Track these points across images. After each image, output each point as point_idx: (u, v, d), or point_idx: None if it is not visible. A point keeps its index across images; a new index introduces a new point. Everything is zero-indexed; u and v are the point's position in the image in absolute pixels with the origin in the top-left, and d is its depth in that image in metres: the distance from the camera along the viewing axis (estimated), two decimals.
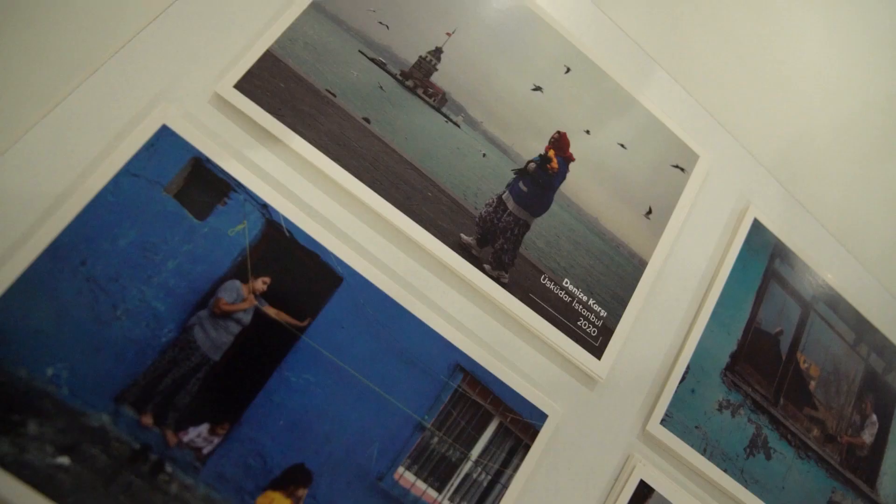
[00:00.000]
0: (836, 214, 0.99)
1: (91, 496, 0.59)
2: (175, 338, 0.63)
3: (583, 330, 0.77)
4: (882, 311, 0.97)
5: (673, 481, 0.79)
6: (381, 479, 0.67)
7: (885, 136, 1.05)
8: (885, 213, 1.04)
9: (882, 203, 1.04)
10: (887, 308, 0.98)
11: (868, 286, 0.98)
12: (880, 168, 1.05)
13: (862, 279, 0.98)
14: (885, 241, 1.03)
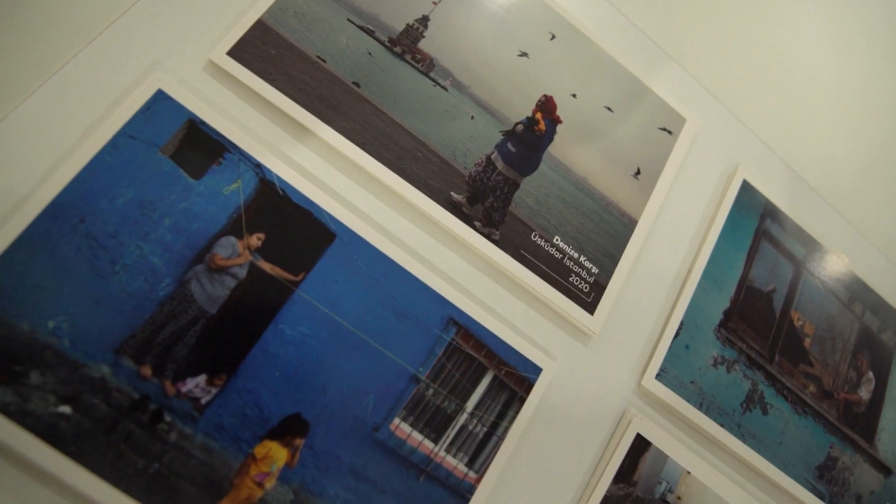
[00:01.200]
0: (825, 177, 1.00)
1: (92, 444, 0.60)
2: (172, 292, 0.65)
3: (575, 286, 0.78)
4: (875, 272, 0.98)
5: (670, 436, 0.79)
6: (377, 430, 0.68)
7: (871, 95, 1.07)
8: (874, 175, 1.05)
9: (871, 165, 1.05)
10: (880, 268, 0.99)
11: (860, 246, 0.98)
12: (868, 128, 1.06)
13: (854, 240, 0.98)
14: (876, 203, 1.03)
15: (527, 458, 0.73)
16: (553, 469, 0.74)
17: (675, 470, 0.79)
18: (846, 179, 1.02)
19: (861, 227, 1.00)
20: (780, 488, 0.83)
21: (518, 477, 0.72)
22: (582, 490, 0.75)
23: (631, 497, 0.76)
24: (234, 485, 0.63)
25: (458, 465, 0.70)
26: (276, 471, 0.64)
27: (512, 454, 0.72)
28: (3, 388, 0.59)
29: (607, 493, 0.75)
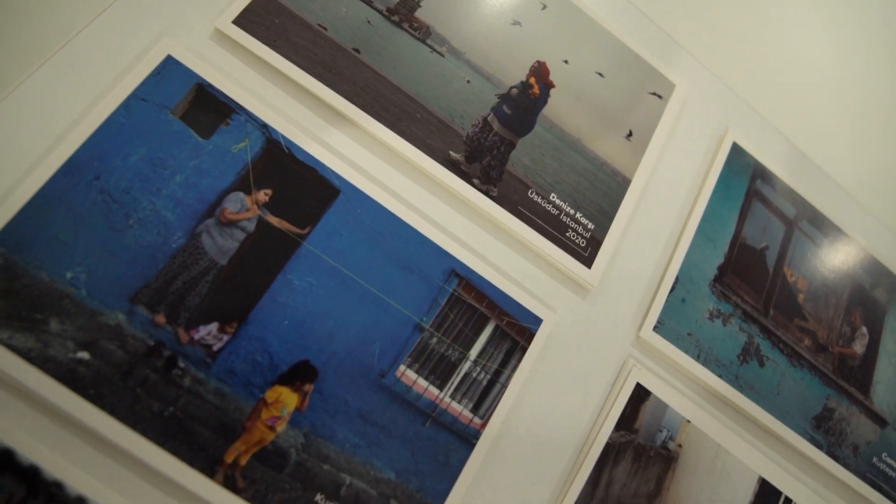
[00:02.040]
0: (815, 140, 1.02)
1: (109, 388, 0.62)
2: (184, 244, 0.67)
3: (571, 241, 0.81)
4: (865, 231, 1.00)
5: (669, 386, 0.81)
6: (384, 377, 0.70)
7: (858, 59, 1.10)
8: (863, 138, 1.07)
9: (860, 128, 1.07)
10: (870, 228, 1.01)
11: (850, 207, 1.01)
12: (855, 92, 1.09)
13: (844, 201, 1.01)
14: (865, 165, 1.06)
15: (530, 406, 0.75)
16: (556, 416, 0.76)
17: (676, 419, 0.81)
18: (836, 143, 1.05)
19: (851, 189, 1.02)
20: (778, 437, 0.85)
21: (522, 423, 0.74)
22: (585, 437, 0.77)
23: (633, 444, 0.78)
24: (246, 428, 0.65)
25: (464, 410, 0.72)
26: (286, 415, 0.66)
27: (515, 401, 0.74)
28: (25, 334, 0.61)
29: (610, 440, 0.77)
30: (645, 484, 0.78)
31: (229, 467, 0.64)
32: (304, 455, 0.66)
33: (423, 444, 0.70)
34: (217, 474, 0.63)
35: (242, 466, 0.64)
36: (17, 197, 0.63)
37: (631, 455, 0.78)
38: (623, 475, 0.77)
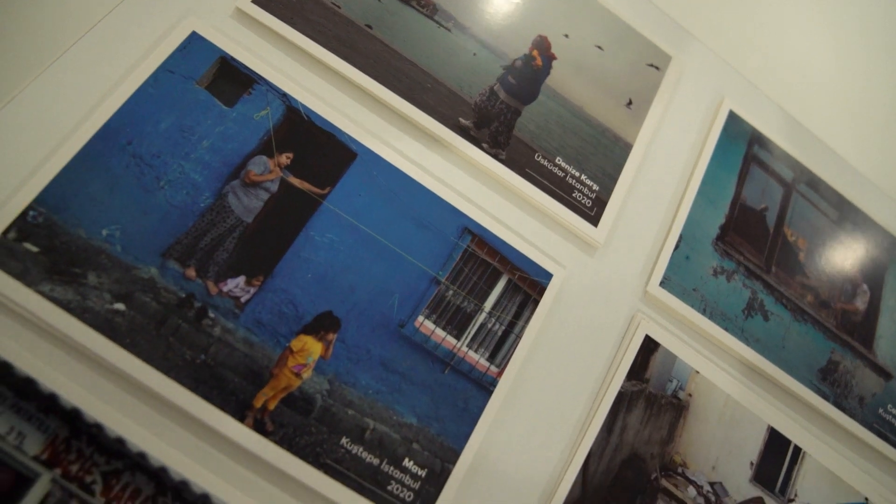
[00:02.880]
0: (808, 108, 1.06)
1: (144, 337, 0.65)
2: (212, 203, 0.71)
3: (578, 201, 0.84)
4: (861, 193, 1.03)
5: (677, 339, 0.84)
6: (403, 327, 0.73)
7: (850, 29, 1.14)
8: (857, 105, 1.11)
9: (852, 94, 1.11)
10: (866, 191, 1.04)
11: (847, 173, 1.04)
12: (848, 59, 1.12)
13: (839, 165, 1.04)
14: (859, 131, 1.10)
15: (544, 356, 0.78)
16: (570, 366, 0.79)
17: (685, 369, 0.83)
18: (830, 110, 1.09)
19: (847, 156, 1.06)
20: (785, 389, 0.87)
21: (538, 372, 0.77)
22: (598, 385, 0.79)
23: (644, 393, 0.81)
24: (273, 374, 0.68)
25: (480, 359, 0.75)
26: (311, 362, 0.69)
27: (530, 351, 0.77)
28: (65, 287, 0.65)
29: (622, 388, 0.79)
30: (658, 431, 0.80)
31: (258, 412, 0.67)
32: (330, 400, 0.69)
33: (442, 391, 0.72)
34: (247, 418, 0.66)
35: (271, 411, 0.67)
36: (55, 161, 0.67)
37: (643, 403, 0.80)
38: (636, 422, 0.79)
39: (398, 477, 0.69)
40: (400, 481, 0.68)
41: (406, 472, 0.69)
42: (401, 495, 0.68)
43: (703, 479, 0.81)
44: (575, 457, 0.75)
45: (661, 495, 0.78)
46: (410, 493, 0.68)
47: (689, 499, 0.79)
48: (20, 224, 0.65)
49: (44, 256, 0.65)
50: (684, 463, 0.80)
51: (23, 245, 0.64)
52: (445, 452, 0.71)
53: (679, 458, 0.80)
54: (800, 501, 0.84)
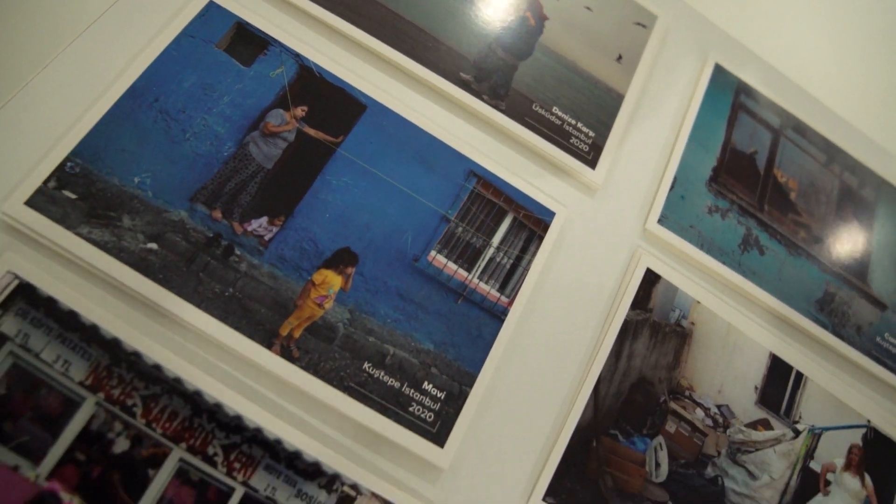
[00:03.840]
0: (791, 61, 1.11)
1: (176, 273, 0.70)
2: (234, 152, 0.76)
3: (575, 146, 0.89)
4: (847, 138, 1.07)
5: (677, 272, 0.88)
6: (417, 261, 0.78)
7: None
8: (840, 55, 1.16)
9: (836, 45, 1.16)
10: (851, 135, 1.09)
11: (830, 117, 1.08)
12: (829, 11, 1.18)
13: (823, 112, 1.08)
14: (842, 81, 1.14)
15: (552, 286, 0.82)
16: (576, 296, 0.82)
17: (686, 300, 0.87)
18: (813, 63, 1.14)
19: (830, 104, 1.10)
20: (784, 318, 0.91)
21: (546, 302, 0.81)
22: (604, 314, 0.83)
23: (648, 322, 0.84)
24: (297, 305, 0.72)
25: (491, 290, 0.79)
26: (333, 294, 0.73)
27: (537, 283, 0.81)
28: (102, 229, 0.69)
29: (627, 318, 0.83)
30: (664, 357, 0.84)
31: (284, 339, 0.71)
32: (351, 329, 0.73)
33: (456, 320, 0.76)
34: (274, 346, 0.70)
35: (296, 339, 0.71)
36: (89, 118, 0.72)
37: (648, 331, 0.84)
38: (643, 349, 0.83)
39: (419, 399, 0.72)
40: (421, 403, 0.72)
41: (426, 394, 0.73)
42: (422, 416, 0.72)
43: (710, 401, 0.84)
44: (586, 381, 0.79)
45: (670, 417, 0.81)
46: (431, 414, 0.72)
47: (698, 420, 0.82)
48: (59, 174, 0.70)
49: (81, 202, 0.69)
50: (691, 387, 0.84)
51: (62, 193, 0.69)
52: (462, 376, 0.74)
53: (686, 382, 0.84)
54: (804, 423, 0.87)
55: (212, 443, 0.66)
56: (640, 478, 0.78)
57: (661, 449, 0.80)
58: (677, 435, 0.81)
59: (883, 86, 1.17)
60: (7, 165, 0.70)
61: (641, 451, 0.79)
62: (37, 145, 0.71)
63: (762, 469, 0.83)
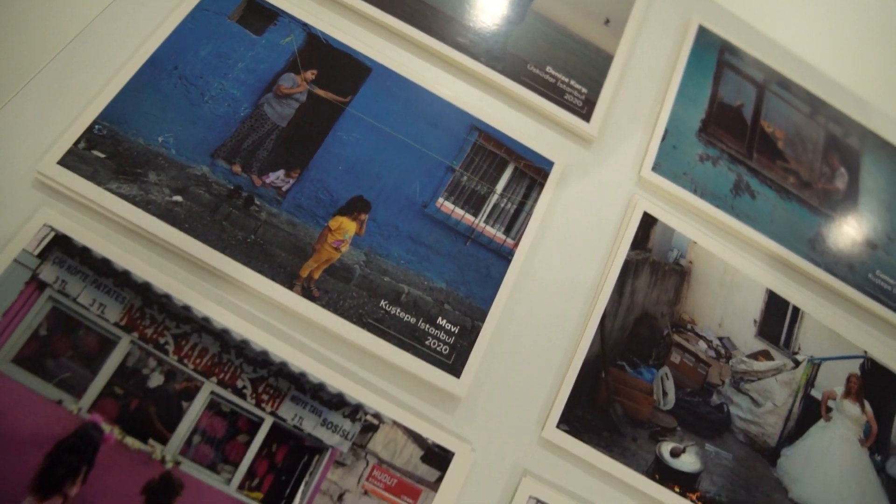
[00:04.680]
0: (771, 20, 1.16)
1: (200, 222, 0.74)
2: (250, 113, 0.81)
3: (570, 102, 0.93)
4: (830, 92, 1.12)
5: (672, 216, 0.92)
6: (426, 207, 0.82)
7: None
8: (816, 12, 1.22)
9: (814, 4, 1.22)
10: (833, 89, 1.13)
11: (813, 74, 1.13)
12: None
13: (806, 69, 1.13)
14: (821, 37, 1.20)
15: (555, 230, 0.86)
16: (578, 238, 0.86)
17: (683, 241, 0.91)
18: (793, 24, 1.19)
19: (812, 61, 1.15)
20: (778, 257, 0.94)
21: (550, 243, 0.84)
22: (606, 254, 0.86)
23: (648, 261, 0.88)
24: (315, 249, 0.76)
25: (497, 233, 0.83)
26: (348, 238, 0.78)
27: (541, 226, 0.85)
28: (130, 184, 0.74)
29: (627, 257, 0.87)
30: (665, 293, 0.87)
31: (305, 281, 0.75)
32: (367, 270, 0.77)
33: (466, 260, 0.80)
34: (295, 286, 0.74)
35: (316, 280, 0.75)
36: (114, 84, 0.77)
37: (648, 270, 0.88)
38: (644, 286, 0.87)
39: (434, 333, 0.76)
40: (436, 337, 0.76)
41: (441, 329, 0.76)
42: (438, 349, 0.75)
43: (711, 334, 0.87)
44: (591, 316, 0.82)
45: (674, 348, 0.85)
46: (446, 347, 0.76)
47: (701, 351, 0.86)
48: (88, 136, 0.74)
49: (110, 161, 0.74)
50: (692, 321, 0.87)
51: (91, 152, 0.74)
52: (474, 312, 0.78)
53: (687, 316, 0.87)
54: (803, 354, 0.90)
55: (240, 377, 0.70)
56: (649, 405, 0.81)
57: (668, 378, 0.83)
58: (682, 365, 0.84)
59: (862, 41, 1.22)
60: (40, 129, 0.74)
61: (648, 380, 0.82)
62: (67, 110, 0.76)
63: (765, 397, 0.86)
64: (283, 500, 0.67)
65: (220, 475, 0.67)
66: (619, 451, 0.78)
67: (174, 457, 0.66)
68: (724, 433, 0.83)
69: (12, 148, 0.73)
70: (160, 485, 0.65)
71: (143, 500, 0.64)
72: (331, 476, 0.69)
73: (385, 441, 0.71)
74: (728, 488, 0.80)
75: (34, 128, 0.75)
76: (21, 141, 0.74)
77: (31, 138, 0.74)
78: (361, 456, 0.70)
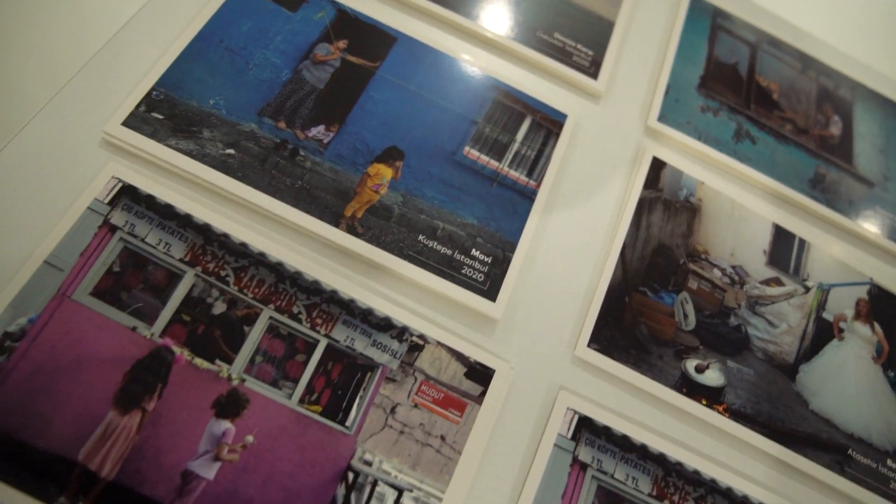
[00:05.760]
0: None
1: (252, 171, 0.81)
2: (290, 77, 0.89)
3: (578, 62, 1.01)
4: (819, 50, 1.20)
5: (679, 157, 0.99)
6: (454, 154, 0.89)
7: None
8: None
9: None
10: (823, 48, 1.21)
11: (803, 36, 1.21)
12: None
13: (794, 32, 1.21)
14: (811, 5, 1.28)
15: (573, 172, 0.92)
16: (595, 178, 0.93)
17: (691, 181, 0.97)
18: None
19: (800, 24, 1.23)
20: (781, 195, 1.00)
21: (569, 184, 0.91)
22: (621, 194, 0.93)
23: (661, 199, 0.95)
24: (357, 192, 0.83)
25: (521, 175, 0.90)
26: (386, 182, 0.85)
27: (559, 169, 0.91)
28: (187, 140, 0.81)
29: (641, 196, 0.93)
30: (678, 227, 0.94)
31: (349, 219, 0.81)
32: (405, 209, 0.84)
33: (493, 199, 0.87)
34: (340, 224, 0.81)
35: (359, 218, 0.82)
36: (168, 55, 0.85)
37: (661, 206, 0.94)
38: (658, 220, 0.93)
39: (469, 263, 0.82)
40: (471, 266, 0.82)
41: (475, 259, 0.83)
42: (473, 277, 0.81)
43: (724, 263, 0.93)
44: (612, 247, 0.88)
45: (691, 276, 0.91)
46: (481, 275, 0.82)
47: (716, 278, 0.92)
48: (147, 100, 0.82)
49: (168, 121, 0.82)
50: (706, 251, 0.93)
51: (151, 114, 0.82)
52: (504, 244, 0.84)
53: (700, 247, 0.93)
54: (812, 280, 0.96)
55: (295, 303, 0.76)
56: (672, 326, 0.87)
57: (687, 302, 0.89)
58: (699, 291, 0.90)
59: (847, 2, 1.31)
60: (106, 96, 0.82)
61: (669, 304, 0.88)
62: (128, 79, 0.84)
63: (780, 318, 0.91)
64: (340, 412, 0.73)
65: (281, 391, 0.72)
66: (647, 367, 0.83)
67: (239, 375, 0.72)
68: (744, 351, 0.88)
69: (82, 112, 0.81)
70: (228, 399, 0.70)
71: (213, 413, 0.70)
72: (383, 391, 0.74)
73: (431, 360, 0.77)
74: (752, 401, 0.85)
75: (100, 94, 0.83)
76: (89, 106, 0.82)
77: (97, 104, 0.82)
78: (410, 373, 0.76)
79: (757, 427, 0.83)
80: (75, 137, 0.80)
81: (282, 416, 0.71)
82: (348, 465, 0.70)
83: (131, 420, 0.67)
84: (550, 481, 0.74)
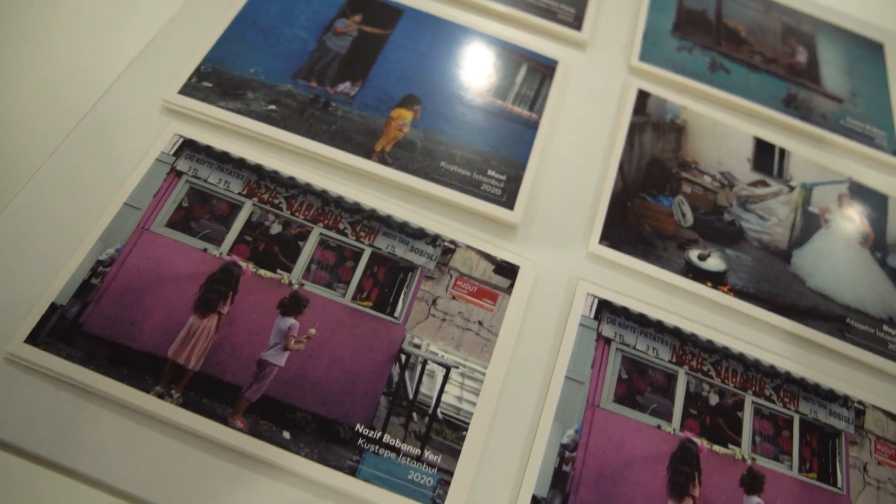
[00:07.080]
0: None
1: (293, 121, 0.94)
2: (316, 47, 1.02)
3: (561, 18, 1.15)
4: None
5: (663, 90, 1.11)
6: (464, 98, 1.02)
7: None
8: None
9: None
10: None
11: None
12: None
13: None
14: None
15: (569, 105, 1.04)
16: (588, 109, 1.05)
17: (675, 107, 1.09)
18: None
19: None
20: (757, 113, 1.11)
21: (567, 114, 1.03)
22: (614, 119, 1.05)
23: (649, 122, 1.06)
24: (383, 132, 0.95)
25: (523, 110, 1.02)
26: (408, 122, 0.97)
27: (556, 103, 1.03)
28: (234, 101, 0.94)
29: (631, 121, 1.05)
30: (668, 143, 1.05)
31: (378, 153, 0.93)
32: (426, 142, 0.95)
33: (502, 130, 0.99)
34: (372, 157, 0.92)
35: (388, 152, 0.94)
36: (212, 36, 0.99)
37: (650, 128, 1.05)
38: (649, 139, 1.04)
39: (487, 181, 0.93)
40: (489, 183, 0.93)
41: (491, 178, 0.94)
42: (491, 191, 0.92)
43: (713, 170, 1.04)
44: (610, 163, 1.00)
45: (684, 182, 1.01)
46: (498, 190, 0.93)
47: (707, 183, 1.02)
48: (198, 73, 0.96)
49: (216, 88, 0.95)
50: (695, 161, 1.04)
51: (202, 83, 0.95)
52: (516, 166, 0.96)
53: (690, 158, 1.04)
54: (796, 181, 1.06)
55: (341, 221, 0.87)
56: (672, 224, 0.97)
57: (684, 203, 0.99)
58: (693, 194, 1.00)
59: None
60: (163, 70, 0.96)
61: (668, 206, 0.98)
62: (181, 57, 0.98)
63: (769, 213, 1.01)
64: (388, 305, 0.83)
65: (336, 291, 0.83)
66: (655, 258, 0.93)
67: (298, 280, 0.82)
68: (741, 241, 0.98)
69: (145, 84, 0.95)
70: (291, 300, 0.81)
71: (279, 312, 0.80)
72: (424, 287, 0.85)
73: (462, 260, 0.87)
74: (753, 282, 0.94)
75: (159, 70, 0.96)
76: (150, 79, 0.95)
77: (157, 77, 0.95)
78: (445, 271, 0.86)
79: (760, 303, 0.92)
80: (140, 106, 0.93)
81: (338, 311, 0.81)
82: (400, 349, 0.80)
83: (210, 322, 0.78)
84: (579, 354, 0.83)
